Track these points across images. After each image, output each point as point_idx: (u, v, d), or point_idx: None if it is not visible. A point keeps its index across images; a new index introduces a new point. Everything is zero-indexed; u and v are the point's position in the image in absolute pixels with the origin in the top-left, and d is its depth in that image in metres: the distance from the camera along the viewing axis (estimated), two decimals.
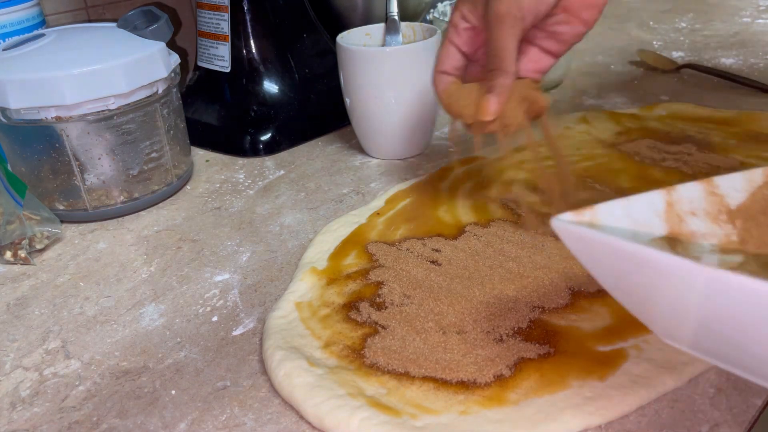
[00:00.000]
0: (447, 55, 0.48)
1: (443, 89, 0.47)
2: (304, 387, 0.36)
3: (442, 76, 0.48)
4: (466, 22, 0.47)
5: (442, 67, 0.48)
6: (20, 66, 0.54)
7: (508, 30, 0.43)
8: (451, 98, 0.47)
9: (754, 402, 0.35)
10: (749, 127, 0.66)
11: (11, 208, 0.53)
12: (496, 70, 0.44)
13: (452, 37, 0.47)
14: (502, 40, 0.44)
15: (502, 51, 0.44)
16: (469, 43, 0.47)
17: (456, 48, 0.47)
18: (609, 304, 0.42)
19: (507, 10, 0.43)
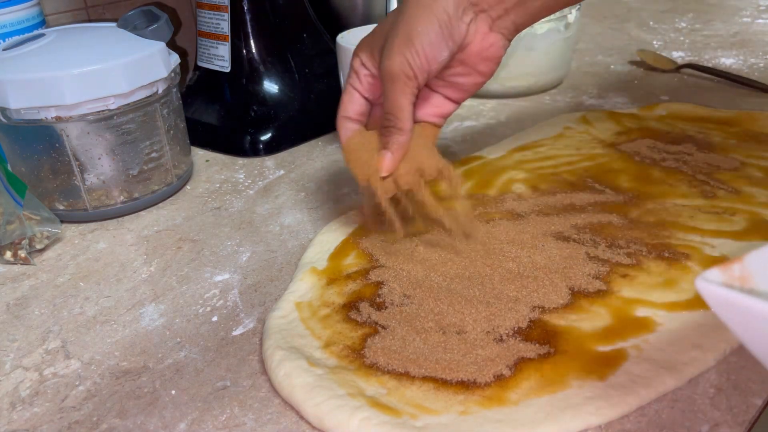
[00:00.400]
0: (350, 101, 0.47)
1: (346, 141, 0.47)
2: (304, 387, 0.36)
3: (346, 123, 0.47)
4: (365, 69, 0.46)
5: (345, 112, 0.47)
6: (20, 66, 0.54)
7: (401, 88, 0.43)
8: (351, 153, 0.46)
9: (754, 402, 0.35)
10: (749, 127, 0.66)
11: (11, 208, 0.53)
12: (392, 127, 0.44)
13: (354, 82, 0.46)
14: (396, 99, 0.43)
15: (397, 110, 0.43)
16: (370, 90, 0.46)
17: (359, 94, 0.47)
18: (609, 304, 0.42)
19: (399, 69, 0.42)
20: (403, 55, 0.42)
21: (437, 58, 0.42)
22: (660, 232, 0.49)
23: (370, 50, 0.45)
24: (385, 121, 0.44)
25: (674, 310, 0.41)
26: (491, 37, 0.43)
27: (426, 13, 0.41)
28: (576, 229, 0.50)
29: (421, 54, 0.42)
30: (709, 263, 0.45)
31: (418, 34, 0.41)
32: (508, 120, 0.74)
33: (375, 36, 0.45)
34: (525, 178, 0.59)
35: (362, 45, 0.46)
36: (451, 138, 0.70)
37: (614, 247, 0.47)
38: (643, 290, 0.43)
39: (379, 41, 0.44)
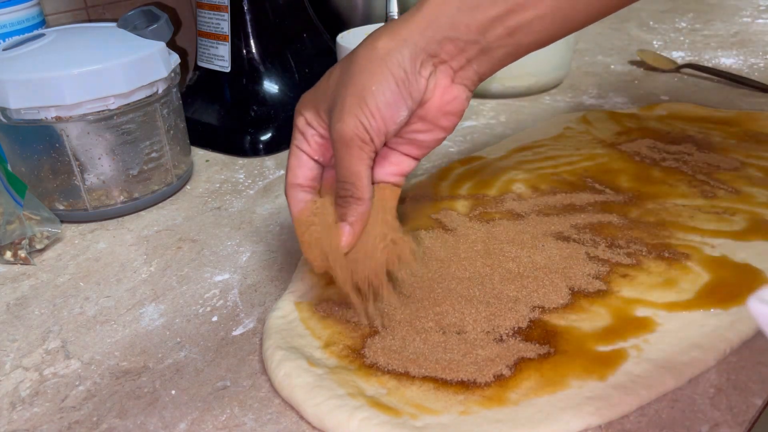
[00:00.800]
0: (299, 165, 0.41)
1: (297, 215, 0.41)
2: (304, 387, 0.36)
3: (296, 192, 0.41)
4: (311, 129, 0.40)
5: (294, 179, 0.41)
6: (20, 66, 0.54)
7: (357, 154, 0.37)
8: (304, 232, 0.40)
9: (754, 402, 0.35)
10: (749, 127, 0.66)
11: (11, 208, 0.53)
12: (349, 197, 0.39)
13: (300, 144, 0.41)
14: (351, 166, 0.38)
15: (353, 177, 0.38)
16: (320, 151, 0.41)
17: (308, 157, 0.41)
18: (609, 304, 0.42)
19: (353, 133, 0.37)
20: (356, 117, 0.37)
21: (395, 118, 0.37)
22: (660, 232, 0.49)
23: (315, 108, 0.40)
24: (341, 191, 0.39)
25: (674, 310, 0.41)
26: (453, 90, 0.39)
27: (379, 68, 0.37)
28: (576, 229, 0.50)
29: (376, 116, 0.37)
30: (708, 263, 0.45)
31: (372, 93, 0.36)
32: (508, 120, 0.74)
33: (319, 91, 0.40)
34: (525, 178, 0.59)
35: (305, 102, 0.41)
36: (451, 138, 0.70)
37: (614, 247, 0.47)
38: (643, 290, 0.43)
39: (324, 98, 0.39)
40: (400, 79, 0.37)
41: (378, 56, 0.37)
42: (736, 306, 0.40)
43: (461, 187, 0.58)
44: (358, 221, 0.39)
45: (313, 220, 0.40)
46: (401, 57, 0.37)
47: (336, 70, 0.39)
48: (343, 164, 0.38)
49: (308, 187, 0.41)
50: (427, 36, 0.37)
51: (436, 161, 0.65)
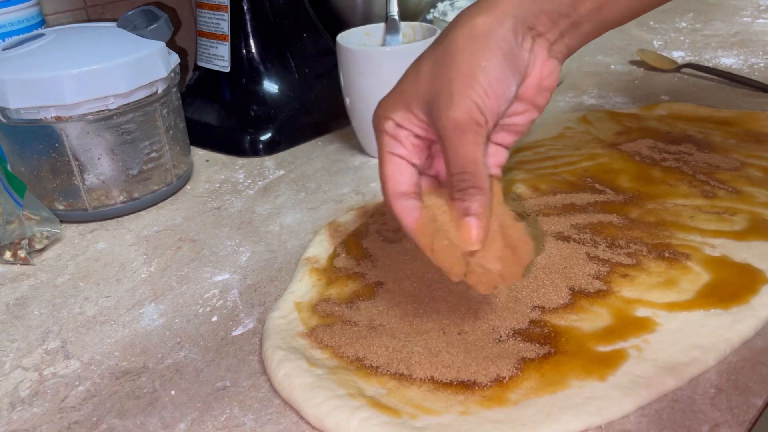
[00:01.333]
0: (398, 172, 0.38)
1: (416, 227, 0.37)
2: (304, 387, 0.36)
3: (404, 201, 0.38)
4: (404, 130, 0.38)
5: (398, 187, 0.38)
6: (20, 66, 0.53)
7: (472, 139, 0.35)
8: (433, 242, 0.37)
9: (754, 402, 0.35)
10: (749, 127, 0.66)
11: (11, 208, 0.53)
12: (470, 188, 0.36)
13: (394, 149, 0.38)
14: (468, 153, 0.35)
15: (471, 165, 0.36)
16: (417, 153, 0.38)
17: (406, 161, 0.38)
18: (609, 304, 0.42)
19: (467, 117, 0.35)
20: (469, 98, 0.35)
21: (506, 95, 0.36)
22: (660, 232, 0.49)
23: (406, 107, 0.37)
24: (460, 183, 0.36)
25: (674, 310, 0.41)
26: (550, 64, 0.38)
27: (484, 45, 0.35)
28: (576, 229, 0.50)
29: (490, 93, 0.35)
30: (709, 263, 0.45)
31: (482, 70, 0.35)
32: None
33: (406, 90, 0.38)
34: (525, 178, 0.59)
35: (388, 105, 0.38)
36: None
37: (614, 247, 0.47)
38: (643, 290, 0.43)
39: (415, 94, 0.37)
40: (506, 53, 0.36)
41: (480, 33, 0.36)
42: (736, 306, 0.40)
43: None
44: (484, 212, 0.36)
45: (436, 227, 0.37)
46: (504, 30, 0.36)
47: (424, 63, 0.37)
48: (459, 153, 0.36)
49: (414, 194, 0.38)
50: (524, 8, 0.36)
51: None
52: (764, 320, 0.40)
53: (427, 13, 0.86)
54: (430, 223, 0.37)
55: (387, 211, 0.44)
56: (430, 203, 0.38)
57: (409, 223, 0.37)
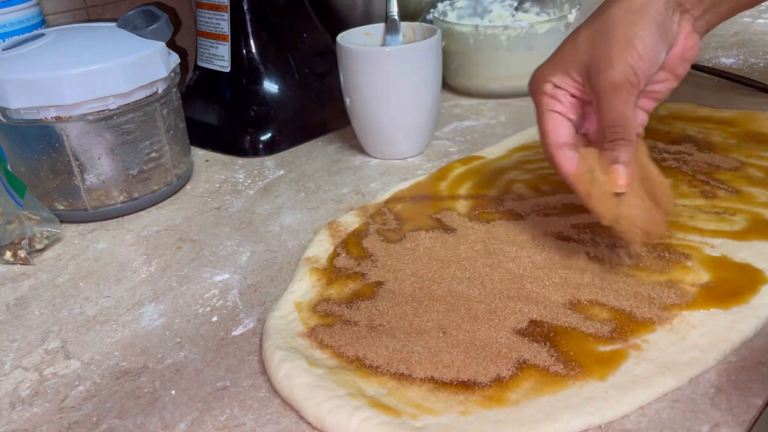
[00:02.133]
0: (559, 125, 0.45)
1: (576, 174, 0.43)
2: (304, 387, 0.36)
3: (564, 151, 0.44)
4: (562, 90, 0.45)
5: (558, 139, 0.44)
6: (20, 66, 0.53)
7: (626, 98, 0.42)
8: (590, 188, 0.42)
9: (754, 402, 0.35)
10: (749, 127, 0.66)
11: (11, 208, 0.53)
12: (620, 140, 0.42)
13: (553, 106, 0.45)
14: (621, 109, 0.42)
15: (622, 119, 0.42)
16: (574, 110, 0.45)
17: (563, 117, 0.45)
18: (609, 304, 0.42)
19: (624, 78, 0.41)
20: (626, 61, 0.41)
21: (656, 60, 0.42)
22: None
23: (563, 71, 0.44)
24: (611, 135, 0.42)
25: (674, 310, 0.41)
26: (692, 38, 0.44)
27: (641, 16, 0.42)
28: (576, 229, 0.50)
29: (644, 58, 0.41)
30: (708, 263, 0.45)
31: (639, 38, 0.41)
32: (508, 120, 0.74)
33: (564, 57, 0.44)
34: (525, 178, 0.59)
35: (546, 71, 0.45)
36: (451, 138, 0.70)
37: (614, 247, 0.47)
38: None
39: (573, 61, 0.44)
40: (660, 24, 0.42)
41: (637, 7, 0.42)
42: (736, 306, 0.40)
43: (461, 187, 0.58)
44: (630, 161, 0.42)
45: (593, 176, 0.42)
46: (658, 5, 0.42)
47: (581, 34, 0.44)
48: (612, 108, 0.42)
49: (572, 145, 0.45)
50: None
51: (436, 161, 0.65)
52: (764, 320, 0.40)
53: (427, 13, 0.86)
54: (587, 172, 0.43)
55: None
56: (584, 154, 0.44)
57: (569, 170, 0.44)
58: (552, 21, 0.75)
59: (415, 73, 0.62)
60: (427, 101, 0.64)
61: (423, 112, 0.64)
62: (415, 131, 0.65)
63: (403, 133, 0.65)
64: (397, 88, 0.62)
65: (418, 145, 0.66)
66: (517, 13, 0.85)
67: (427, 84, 0.63)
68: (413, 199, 0.57)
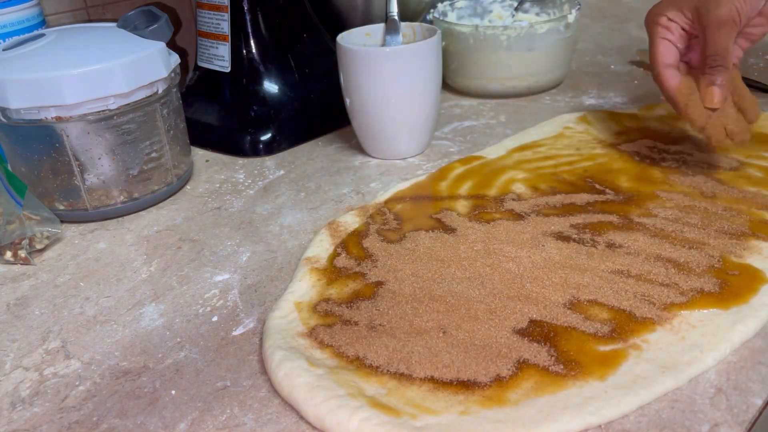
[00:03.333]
0: (668, 50, 0.55)
1: (677, 88, 0.54)
2: (304, 387, 0.36)
3: (670, 70, 0.55)
4: (674, 23, 0.55)
5: (667, 60, 0.55)
6: (20, 66, 0.53)
7: (728, 33, 0.51)
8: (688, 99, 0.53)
9: (754, 402, 0.35)
10: None
11: (11, 208, 0.53)
12: (719, 66, 0.51)
13: (665, 35, 0.55)
14: (723, 42, 0.51)
15: (723, 50, 0.51)
16: (682, 40, 0.56)
17: (672, 44, 0.55)
18: (609, 304, 0.42)
19: (728, 16, 0.51)
20: (732, 3, 0.51)
21: (757, 6, 0.52)
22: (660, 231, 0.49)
23: (678, 8, 0.55)
24: (712, 62, 0.52)
25: (674, 309, 0.41)
26: None
27: None
28: (576, 229, 0.50)
29: (747, 2, 0.51)
30: (709, 263, 0.45)
31: None
32: (508, 120, 0.74)
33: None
34: (525, 178, 0.59)
35: (663, 6, 0.56)
36: (451, 138, 0.70)
37: (614, 247, 0.47)
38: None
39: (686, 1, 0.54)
40: None
41: None
42: (736, 306, 0.40)
43: (461, 187, 0.58)
44: (726, 84, 0.52)
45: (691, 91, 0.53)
46: None
47: None
48: (716, 40, 0.52)
49: (676, 66, 0.56)
50: None
51: (436, 161, 0.65)
52: (764, 320, 0.40)
53: (427, 13, 0.86)
54: (688, 87, 0.54)
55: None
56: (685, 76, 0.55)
57: (672, 85, 0.55)
58: (552, 21, 0.75)
59: (415, 73, 0.62)
60: (427, 101, 0.64)
61: (423, 112, 0.64)
62: (415, 131, 0.65)
63: (403, 133, 0.65)
64: (397, 88, 0.62)
65: (418, 145, 0.66)
66: (517, 14, 0.85)
67: (427, 84, 0.63)
68: (413, 199, 0.57)
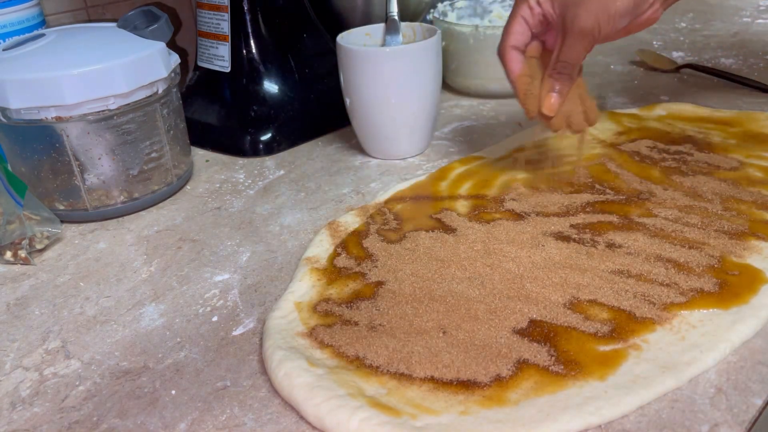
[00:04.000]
0: (520, 32, 0.52)
1: (518, 75, 0.53)
2: (304, 387, 0.36)
3: (514, 53, 0.53)
4: (540, 8, 0.51)
5: (513, 42, 0.53)
6: (20, 66, 0.53)
7: (585, 46, 0.49)
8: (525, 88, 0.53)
9: (754, 402, 0.35)
10: (749, 127, 0.66)
11: (11, 208, 0.53)
12: (566, 75, 0.51)
13: (524, 13, 0.52)
14: (577, 53, 0.50)
15: (575, 61, 0.50)
16: (539, 26, 0.52)
17: (528, 27, 0.52)
18: (609, 304, 0.42)
19: (590, 31, 0.48)
20: (597, 19, 0.48)
21: (619, 26, 0.49)
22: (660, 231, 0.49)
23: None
24: (560, 68, 0.51)
25: (674, 309, 0.41)
26: (659, 12, 0.50)
27: None
28: (576, 229, 0.50)
29: (611, 23, 0.48)
30: (709, 263, 0.45)
31: (616, 8, 0.48)
32: (508, 120, 0.74)
33: None
34: (525, 178, 0.59)
35: None
36: (451, 138, 0.70)
37: (614, 247, 0.47)
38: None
39: None
40: (638, 5, 0.48)
41: None
42: (736, 306, 0.40)
43: (461, 187, 0.58)
44: (564, 93, 0.52)
45: (531, 80, 0.53)
46: None
47: None
48: (571, 50, 0.50)
49: (521, 50, 0.53)
50: None
51: (436, 161, 0.65)
52: (764, 320, 0.40)
53: (427, 13, 0.86)
54: (530, 75, 0.53)
55: None
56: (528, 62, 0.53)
57: (514, 71, 0.53)
58: None
59: (415, 73, 0.62)
60: (427, 101, 0.64)
61: (423, 112, 0.64)
62: (415, 131, 0.65)
63: (403, 133, 0.65)
64: (397, 88, 0.62)
65: (418, 145, 0.66)
66: None
67: (427, 84, 0.63)
68: (413, 199, 0.57)
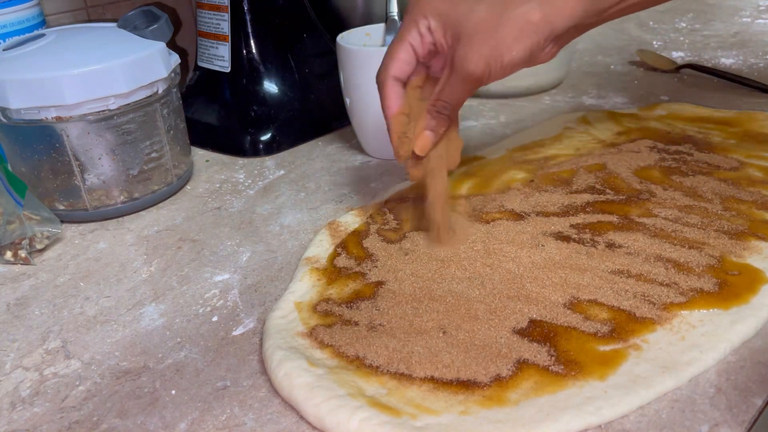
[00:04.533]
0: (405, 60, 0.46)
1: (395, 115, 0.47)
2: (304, 387, 0.36)
3: (393, 85, 0.47)
4: (431, 36, 0.45)
5: (396, 70, 0.46)
6: (20, 66, 0.54)
7: (470, 89, 0.44)
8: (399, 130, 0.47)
9: (754, 402, 0.35)
10: (749, 127, 0.66)
11: (11, 208, 0.53)
12: (446, 116, 0.46)
13: (413, 39, 0.45)
14: (460, 96, 0.45)
15: (457, 103, 0.45)
16: (427, 56, 0.46)
17: (414, 53, 0.46)
18: (609, 304, 0.42)
19: (479, 77, 0.43)
20: (488, 65, 0.43)
21: (508, 74, 0.44)
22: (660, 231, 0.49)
23: (443, 25, 0.44)
24: (441, 108, 0.46)
25: (674, 309, 0.41)
26: (554, 53, 0.45)
27: (523, 40, 0.42)
28: (576, 229, 0.50)
29: (502, 72, 0.43)
30: (709, 263, 0.45)
31: (511, 57, 0.42)
32: (508, 120, 0.74)
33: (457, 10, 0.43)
34: (525, 177, 0.59)
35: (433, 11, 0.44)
36: None
37: (614, 247, 0.47)
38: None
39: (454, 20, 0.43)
40: (534, 53, 0.43)
41: (530, 29, 0.42)
42: (736, 306, 0.40)
43: (461, 187, 0.58)
44: (439, 134, 0.47)
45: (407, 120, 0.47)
46: (543, 38, 0.42)
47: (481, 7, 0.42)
48: (455, 92, 0.45)
49: (402, 81, 0.47)
50: (565, 23, 0.42)
51: None
52: (764, 320, 0.40)
53: None
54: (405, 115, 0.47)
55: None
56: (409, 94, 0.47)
57: (391, 106, 0.47)
58: None
59: None
60: None
61: None
62: None
63: None
64: None
65: None
66: None
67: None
68: (413, 199, 0.57)
